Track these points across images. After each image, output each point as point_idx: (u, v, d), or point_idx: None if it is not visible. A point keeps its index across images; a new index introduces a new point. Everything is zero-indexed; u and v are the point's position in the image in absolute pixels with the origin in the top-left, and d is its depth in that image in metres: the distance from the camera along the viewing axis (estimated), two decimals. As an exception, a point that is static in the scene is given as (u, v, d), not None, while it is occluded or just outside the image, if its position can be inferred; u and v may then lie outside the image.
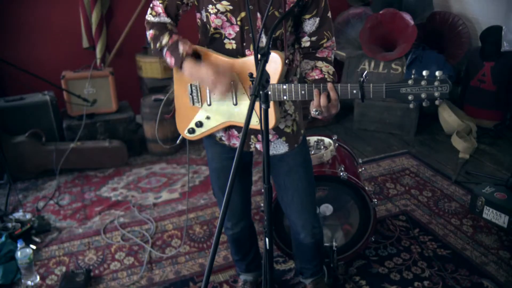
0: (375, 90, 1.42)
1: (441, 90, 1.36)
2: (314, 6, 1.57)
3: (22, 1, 3.62)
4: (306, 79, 1.62)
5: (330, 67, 1.62)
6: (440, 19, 4.34)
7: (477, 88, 4.01)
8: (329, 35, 1.63)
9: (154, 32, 1.61)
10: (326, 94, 1.45)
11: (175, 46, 1.57)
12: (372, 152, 3.75)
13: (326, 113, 1.48)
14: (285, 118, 1.70)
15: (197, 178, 3.39)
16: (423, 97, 1.39)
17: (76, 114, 3.56)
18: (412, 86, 1.39)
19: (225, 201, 1.09)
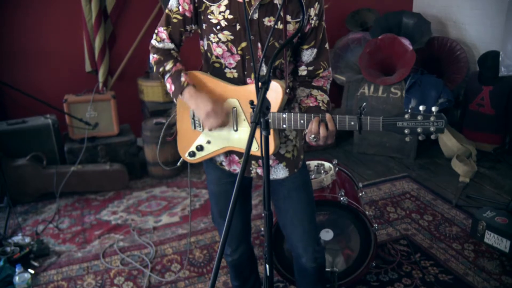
0: (372, 123, 1.44)
1: (436, 125, 1.39)
2: (312, 37, 1.61)
3: (26, 25, 3.68)
4: (301, 105, 1.65)
5: (325, 96, 1.65)
6: (438, 44, 4.41)
7: (476, 112, 4.04)
8: (325, 65, 1.67)
9: (159, 57, 1.66)
10: (325, 125, 1.47)
11: (177, 75, 1.61)
12: (372, 176, 3.75)
13: (322, 142, 1.50)
14: (285, 143, 1.71)
15: (197, 202, 3.39)
16: (419, 131, 1.41)
17: (77, 137, 3.58)
18: (408, 120, 1.42)
19: (226, 227, 1.09)
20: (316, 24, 1.59)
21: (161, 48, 1.66)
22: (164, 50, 1.66)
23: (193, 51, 1.85)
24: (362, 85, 4.10)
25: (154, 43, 1.67)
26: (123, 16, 3.91)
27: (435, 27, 4.59)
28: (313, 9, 1.57)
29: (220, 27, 1.54)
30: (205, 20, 1.57)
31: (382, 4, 4.73)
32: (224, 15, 1.53)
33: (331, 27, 3.23)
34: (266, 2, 1.52)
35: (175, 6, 1.60)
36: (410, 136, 1.43)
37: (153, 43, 1.68)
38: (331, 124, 1.48)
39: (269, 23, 1.53)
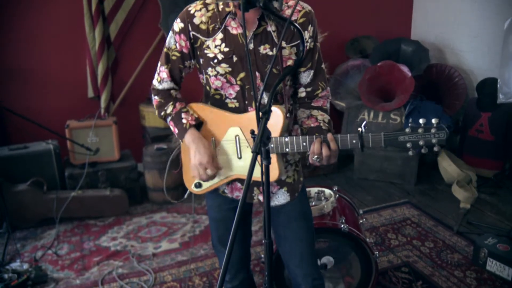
0: (374, 139, 1.45)
1: (438, 137, 1.40)
2: (308, 59, 1.64)
3: (30, 51, 3.74)
4: (302, 126, 1.67)
5: (325, 116, 1.67)
6: (436, 71, 4.46)
7: (476, 138, 4.06)
8: (323, 85, 1.69)
9: (159, 99, 1.69)
10: (327, 145, 1.49)
11: (178, 116, 1.65)
12: (373, 202, 3.75)
13: (325, 162, 1.51)
14: (286, 168, 1.72)
15: (197, 228, 3.37)
16: (421, 144, 1.42)
17: (78, 162, 3.59)
18: (410, 134, 1.42)
19: (227, 255, 1.09)
20: (311, 46, 1.62)
21: (161, 89, 1.69)
22: (164, 91, 1.69)
23: (195, 81, 1.88)
24: (362, 111, 4.13)
25: (155, 84, 1.70)
26: (126, 43, 3.97)
27: (433, 54, 4.65)
28: (307, 32, 1.59)
29: (217, 61, 1.57)
30: (201, 55, 1.60)
31: (380, 32, 4.80)
32: (220, 49, 1.56)
33: (330, 54, 3.29)
34: (259, 31, 1.55)
35: (173, 44, 1.63)
36: (412, 150, 1.44)
37: (153, 84, 1.71)
38: (333, 143, 1.49)
39: (264, 51, 1.56)
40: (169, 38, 1.64)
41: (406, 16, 5.03)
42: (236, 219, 1.14)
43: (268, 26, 1.55)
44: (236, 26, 1.55)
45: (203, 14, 1.57)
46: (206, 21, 1.57)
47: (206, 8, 1.58)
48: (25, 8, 3.63)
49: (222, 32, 1.56)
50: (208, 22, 1.57)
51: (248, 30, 1.55)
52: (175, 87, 1.71)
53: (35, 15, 3.68)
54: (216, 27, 1.56)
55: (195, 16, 1.58)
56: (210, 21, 1.57)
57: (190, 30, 1.58)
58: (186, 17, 1.59)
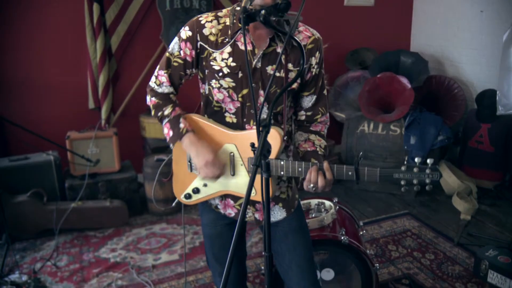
0: (369, 174, 1.48)
1: (431, 178, 1.44)
2: (313, 84, 1.66)
3: (31, 62, 3.76)
4: (298, 149, 1.68)
5: (322, 141, 1.69)
6: (436, 83, 4.49)
7: (475, 149, 4.07)
8: (323, 110, 1.71)
9: (158, 101, 1.67)
10: (322, 174, 1.50)
11: (176, 120, 1.63)
12: (373, 213, 3.74)
13: (320, 190, 1.53)
14: (279, 185, 1.72)
15: (197, 239, 3.36)
16: (415, 182, 1.46)
17: (78, 173, 3.59)
18: (404, 172, 1.46)
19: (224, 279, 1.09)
20: (317, 72, 1.65)
21: (160, 92, 1.68)
22: (163, 94, 1.68)
23: (193, 89, 1.88)
24: (361, 122, 4.15)
25: (153, 86, 1.68)
26: (127, 55, 4.00)
27: (433, 66, 4.68)
28: (314, 58, 1.62)
29: (223, 74, 1.57)
30: (207, 66, 1.60)
31: (380, 44, 4.84)
32: (227, 63, 1.56)
33: (331, 65, 3.30)
34: (269, 51, 1.56)
35: (177, 50, 1.63)
36: (406, 187, 1.47)
37: (151, 86, 1.69)
38: (329, 173, 1.50)
39: (271, 72, 1.57)
40: (173, 44, 1.64)
41: (405, 28, 5.07)
42: (234, 239, 1.14)
43: (278, 48, 1.56)
44: (246, 42, 1.55)
45: (213, 26, 1.58)
46: (216, 33, 1.57)
47: (218, 20, 1.59)
48: (26, 19, 3.66)
49: (231, 46, 1.56)
50: (218, 35, 1.57)
51: (258, 48, 1.56)
52: (174, 92, 1.69)
53: (37, 26, 3.70)
54: (226, 40, 1.57)
55: (205, 27, 1.58)
56: (220, 34, 1.57)
57: (198, 40, 1.58)
58: (196, 26, 1.58)
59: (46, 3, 3.68)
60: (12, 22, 3.64)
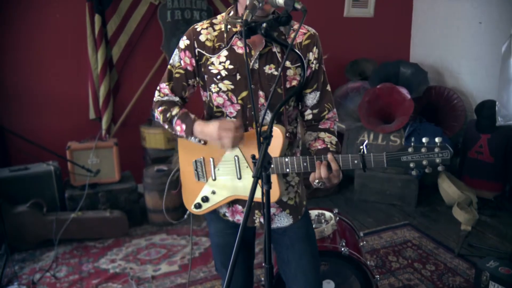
0: (376, 160, 1.42)
1: (442, 156, 1.36)
2: (314, 81, 1.65)
3: (33, 72, 3.78)
4: (310, 149, 1.66)
5: (332, 137, 1.66)
6: (435, 93, 4.50)
7: (475, 159, 4.07)
8: (330, 106, 1.70)
9: (164, 107, 1.67)
10: (326, 165, 1.48)
11: (186, 114, 1.63)
12: (373, 224, 3.73)
13: (328, 183, 1.50)
14: (287, 190, 1.72)
15: (197, 250, 3.35)
16: (425, 164, 1.38)
17: (79, 184, 3.59)
18: (412, 153, 1.39)
19: (227, 282, 1.09)
20: (316, 68, 1.64)
21: (166, 100, 1.69)
22: (169, 101, 1.68)
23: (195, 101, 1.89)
24: (362, 133, 4.15)
25: (158, 99, 1.70)
26: (128, 66, 4.02)
27: (432, 77, 4.70)
28: (312, 54, 1.62)
29: (221, 77, 1.58)
30: (206, 71, 1.62)
31: (380, 55, 4.87)
32: (224, 65, 1.58)
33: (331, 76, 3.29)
34: (265, 51, 1.57)
35: (177, 61, 1.65)
36: (416, 169, 1.40)
37: (156, 99, 1.70)
38: (334, 164, 1.47)
39: (269, 71, 1.58)
40: (173, 56, 1.66)
41: (405, 39, 5.10)
42: (236, 244, 1.14)
43: (273, 47, 1.57)
44: (242, 46, 1.56)
45: (209, 32, 1.60)
46: (212, 39, 1.59)
47: (213, 27, 1.61)
48: (28, 30, 3.69)
49: (227, 50, 1.58)
50: (214, 40, 1.59)
51: (254, 49, 1.57)
52: (180, 101, 1.70)
53: (39, 37, 3.73)
54: (222, 46, 1.58)
55: (201, 34, 1.60)
56: (216, 40, 1.59)
57: (195, 47, 1.60)
58: (192, 34, 1.61)
59: (48, 14, 3.71)
60: (14, 32, 3.66)
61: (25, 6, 3.63)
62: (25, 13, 3.65)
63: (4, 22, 3.61)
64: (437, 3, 4.69)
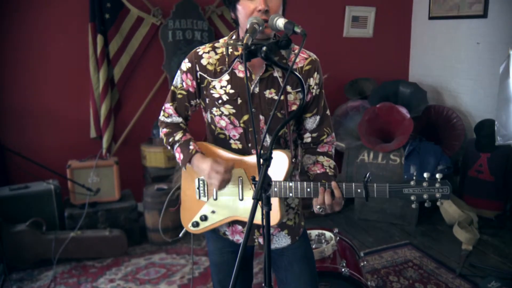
0: (378, 190, 1.48)
1: (442, 192, 1.43)
2: (314, 105, 1.68)
3: (34, 90, 3.79)
4: (308, 173, 1.68)
5: (331, 161, 1.69)
6: (435, 112, 4.52)
7: (476, 178, 4.07)
8: (328, 131, 1.72)
9: (168, 129, 1.72)
10: (330, 192, 1.49)
11: (186, 144, 1.66)
12: (374, 243, 3.71)
13: (329, 210, 1.52)
14: (287, 211, 1.73)
15: (196, 270, 3.33)
16: (425, 197, 1.45)
17: (78, 202, 3.59)
18: (414, 187, 1.45)
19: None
20: (317, 93, 1.67)
21: (170, 122, 1.73)
22: (173, 124, 1.73)
23: (198, 121, 1.91)
24: (361, 152, 4.16)
25: (163, 119, 1.74)
26: (129, 85, 4.04)
27: (431, 96, 4.73)
28: (313, 79, 1.64)
29: (222, 101, 1.61)
30: (207, 94, 1.64)
31: (379, 74, 4.91)
32: (225, 90, 1.60)
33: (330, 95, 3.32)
34: (266, 76, 1.59)
35: (180, 83, 1.68)
36: (416, 202, 1.46)
37: (161, 119, 1.74)
38: (338, 191, 1.50)
39: (270, 95, 1.60)
40: (176, 77, 1.70)
41: (404, 59, 5.15)
42: (237, 264, 1.15)
43: (274, 72, 1.60)
44: (243, 69, 1.58)
45: (211, 56, 1.63)
46: (214, 63, 1.62)
47: (215, 51, 1.64)
48: (31, 49, 3.73)
49: (229, 74, 1.60)
50: (216, 64, 1.62)
51: (255, 74, 1.59)
52: (183, 121, 1.74)
53: (41, 55, 3.76)
54: (224, 69, 1.61)
55: (203, 57, 1.63)
56: (218, 63, 1.62)
57: (197, 70, 1.63)
58: (194, 57, 1.64)
59: (51, 34, 3.75)
60: (17, 51, 3.70)
61: (27, 25, 3.68)
62: (28, 32, 3.69)
63: (6, 40, 3.65)
64: (435, 24, 4.75)
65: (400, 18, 5.02)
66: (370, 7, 4.80)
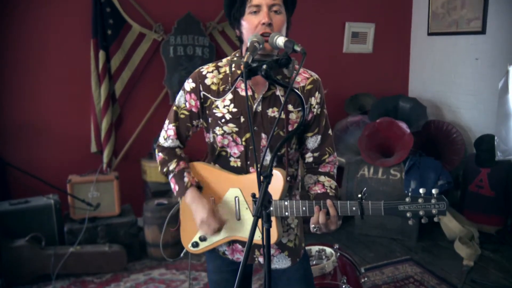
0: (374, 207, 1.46)
1: (438, 208, 1.41)
2: (315, 124, 1.68)
3: (34, 105, 3.81)
4: (309, 192, 1.68)
5: (332, 182, 1.68)
6: (434, 127, 4.54)
7: (476, 193, 4.06)
8: (330, 150, 1.72)
9: (163, 156, 1.72)
10: (325, 211, 1.49)
11: (180, 175, 1.67)
12: (374, 259, 3.69)
13: (325, 229, 1.51)
14: (287, 232, 1.72)
15: (196, 285, 3.31)
16: (421, 214, 1.43)
17: (78, 217, 3.58)
18: (410, 203, 1.44)
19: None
20: (318, 112, 1.67)
21: (167, 147, 1.73)
22: (169, 149, 1.72)
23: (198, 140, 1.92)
24: (361, 167, 4.16)
25: (161, 141, 1.74)
26: (131, 100, 4.06)
27: (431, 111, 4.75)
28: (314, 98, 1.65)
29: (225, 120, 1.61)
30: (210, 114, 1.65)
31: (378, 89, 4.93)
32: (228, 109, 1.61)
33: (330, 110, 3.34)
34: (268, 94, 1.61)
35: (183, 103, 1.68)
36: (412, 219, 1.44)
37: (159, 141, 1.74)
38: (333, 209, 1.49)
39: (272, 114, 1.61)
40: (179, 97, 1.70)
41: (403, 74, 5.18)
42: (237, 283, 1.14)
43: (277, 90, 1.61)
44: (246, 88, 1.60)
45: (214, 75, 1.64)
46: (217, 82, 1.63)
47: (218, 70, 1.65)
48: (33, 64, 3.75)
49: (232, 93, 1.61)
50: (219, 84, 1.63)
51: (258, 92, 1.61)
52: (180, 145, 1.74)
53: (43, 71, 3.79)
54: (227, 88, 1.62)
55: (206, 77, 1.64)
56: (221, 83, 1.63)
57: (201, 90, 1.64)
58: (198, 77, 1.65)
59: (53, 49, 3.78)
60: (19, 66, 3.73)
61: (31, 40, 3.71)
62: (31, 48, 3.73)
63: (8, 54, 3.68)
64: (434, 39, 4.79)
65: (399, 34, 5.06)
66: (370, 23, 4.85)
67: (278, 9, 1.53)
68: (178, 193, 1.68)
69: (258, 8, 1.51)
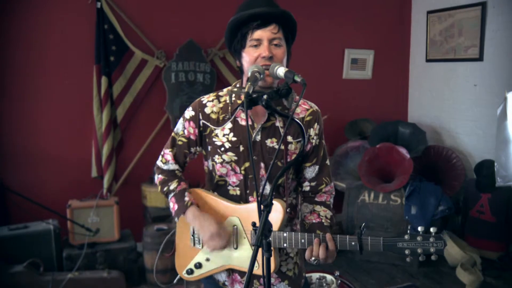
0: (373, 243, 1.48)
1: (436, 246, 1.44)
2: (314, 155, 1.71)
3: (35, 130, 3.83)
4: (304, 221, 1.68)
5: (328, 212, 1.70)
6: (434, 153, 4.55)
7: (477, 219, 4.05)
8: (327, 180, 1.74)
9: (163, 177, 1.73)
10: (325, 245, 1.50)
11: (181, 194, 1.67)
12: (376, 285, 3.66)
13: (322, 261, 1.51)
14: (286, 261, 1.72)
15: (195, 313, 3.27)
16: (419, 252, 1.46)
17: (77, 243, 3.56)
18: (408, 241, 1.46)
19: None
20: (316, 143, 1.69)
21: (166, 169, 1.74)
22: (169, 171, 1.73)
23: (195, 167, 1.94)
24: (362, 192, 4.16)
25: (160, 165, 1.75)
26: (132, 125, 4.09)
27: (431, 136, 4.77)
28: (313, 129, 1.67)
29: (224, 149, 1.63)
30: (209, 142, 1.66)
31: (378, 115, 4.97)
32: (228, 138, 1.63)
33: (330, 135, 3.37)
34: (268, 125, 1.63)
35: (181, 130, 1.71)
36: (410, 256, 1.46)
37: (158, 164, 1.76)
38: (332, 243, 1.50)
39: (271, 144, 1.62)
40: (178, 124, 1.72)
41: (403, 100, 5.23)
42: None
43: (276, 122, 1.63)
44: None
45: (214, 104, 1.66)
46: (217, 111, 1.65)
47: (218, 99, 1.68)
48: (35, 88, 3.79)
49: (231, 122, 1.63)
50: (219, 113, 1.65)
51: (257, 122, 1.63)
52: (179, 168, 1.75)
53: (45, 96, 3.83)
54: (226, 117, 1.64)
55: (206, 106, 1.66)
56: (221, 112, 1.65)
57: (200, 119, 1.66)
58: (198, 106, 1.67)
59: (55, 74, 3.83)
60: (22, 91, 3.77)
61: (33, 66, 3.76)
62: (33, 73, 3.77)
63: (13, 79, 3.72)
64: (432, 66, 4.85)
65: (398, 60, 5.13)
66: (369, 50, 4.92)
67: (279, 42, 1.56)
68: (177, 212, 1.66)
69: (259, 41, 1.54)
